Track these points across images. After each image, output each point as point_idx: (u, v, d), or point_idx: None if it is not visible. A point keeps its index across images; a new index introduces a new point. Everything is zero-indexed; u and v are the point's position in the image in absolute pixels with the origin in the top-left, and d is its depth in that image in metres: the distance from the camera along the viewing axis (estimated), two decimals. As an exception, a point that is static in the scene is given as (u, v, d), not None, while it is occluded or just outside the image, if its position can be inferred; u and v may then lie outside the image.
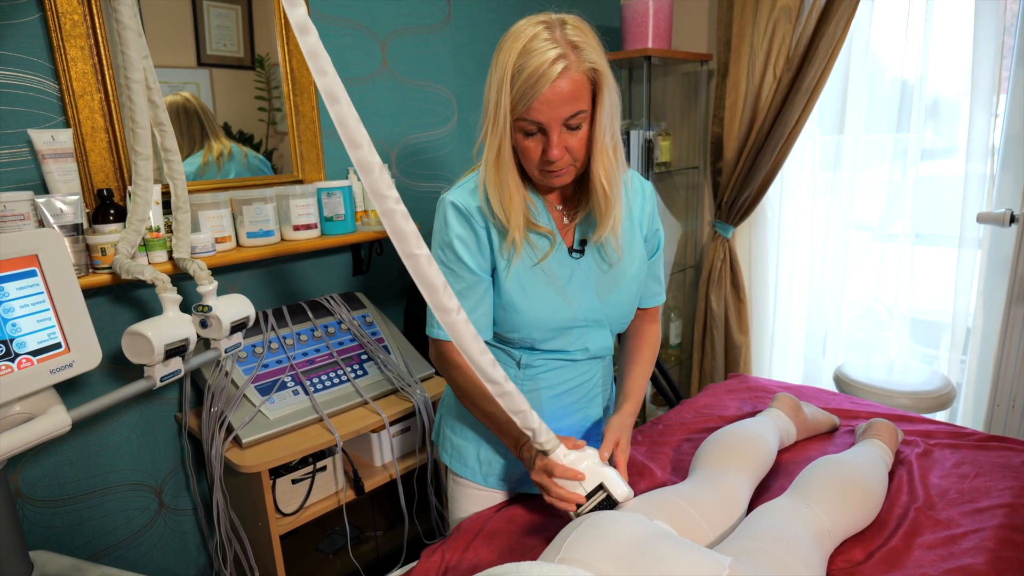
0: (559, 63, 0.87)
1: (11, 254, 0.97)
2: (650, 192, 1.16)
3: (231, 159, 1.64)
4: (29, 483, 1.43)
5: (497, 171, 0.97)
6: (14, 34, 1.30)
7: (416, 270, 0.74)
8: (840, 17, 1.95)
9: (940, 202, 2.09)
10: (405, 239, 0.72)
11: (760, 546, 0.94)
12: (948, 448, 1.38)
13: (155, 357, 1.14)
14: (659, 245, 1.19)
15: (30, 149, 1.34)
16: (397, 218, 0.71)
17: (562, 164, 0.95)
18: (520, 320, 1.07)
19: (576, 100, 0.90)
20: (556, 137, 0.92)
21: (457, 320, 0.79)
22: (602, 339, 1.13)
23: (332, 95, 0.64)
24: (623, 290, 1.11)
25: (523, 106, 0.90)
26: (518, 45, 0.89)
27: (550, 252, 1.05)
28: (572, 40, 0.89)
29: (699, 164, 2.52)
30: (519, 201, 0.99)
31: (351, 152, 0.66)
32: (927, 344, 2.23)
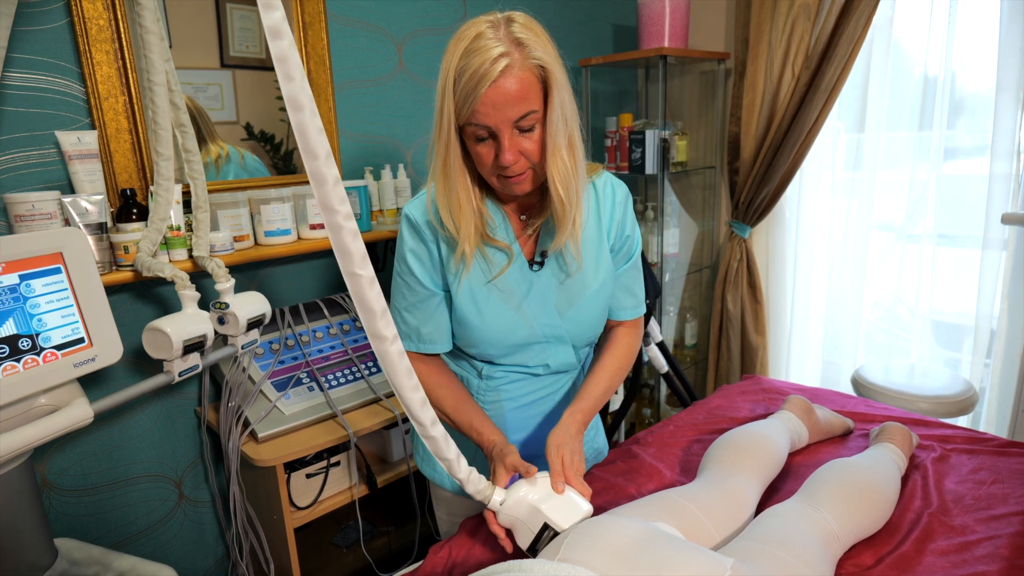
0: (501, 61, 0.82)
1: (37, 252, 1.01)
2: (623, 197, 1.08)
3: (229, 161, 1.66)
4: (56, 472, 1.48)
5: (445, 180, 0.93)
6: (43, 39, 1.35)
7: (356, 291, 0.69)
8: (861, 14, 1.92)
9: (964, 202, 2.04)
10: (349, 257, 0.68)
11: (765, 548, 0.94)
12: (965, 453, 1.36)
13: (174, 352, 1.18)
14: (632, 254, 1.11)
15: (57, 150, 1.39)
16: (344, 234, 0.66)
17: (518, 169, 0.90)
18: (474, 337, 1.04)
19: (524, 100, 0.85)
20: (507, 141, 0.87)
21: (391, 351, 0.73)
22: (564, 355, 1.09)
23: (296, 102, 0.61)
24: (585, 305, 1.05)
25: (467, 109, 0.85)
26: (461, 46, 0.84)
27: (506, 268, 1.01)
28: (517, 37, 0.84)
29: (716, 164, 2.50)
30: (469, 212, 0.95)
31: (307, 162, 0.63)
32: (949, 347, 2.19)
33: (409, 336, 1.06)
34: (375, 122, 1.90)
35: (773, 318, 2.47)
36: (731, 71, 2.35)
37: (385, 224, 1.81)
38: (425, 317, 1.04)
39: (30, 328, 0.99)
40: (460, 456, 0.85)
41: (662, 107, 2.21)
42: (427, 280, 1.03)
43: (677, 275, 2.62)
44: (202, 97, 1.60)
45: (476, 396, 1.12)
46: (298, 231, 1.66)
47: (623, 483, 1.27)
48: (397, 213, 1.86)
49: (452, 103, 0.86)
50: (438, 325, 1.05)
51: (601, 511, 1.15)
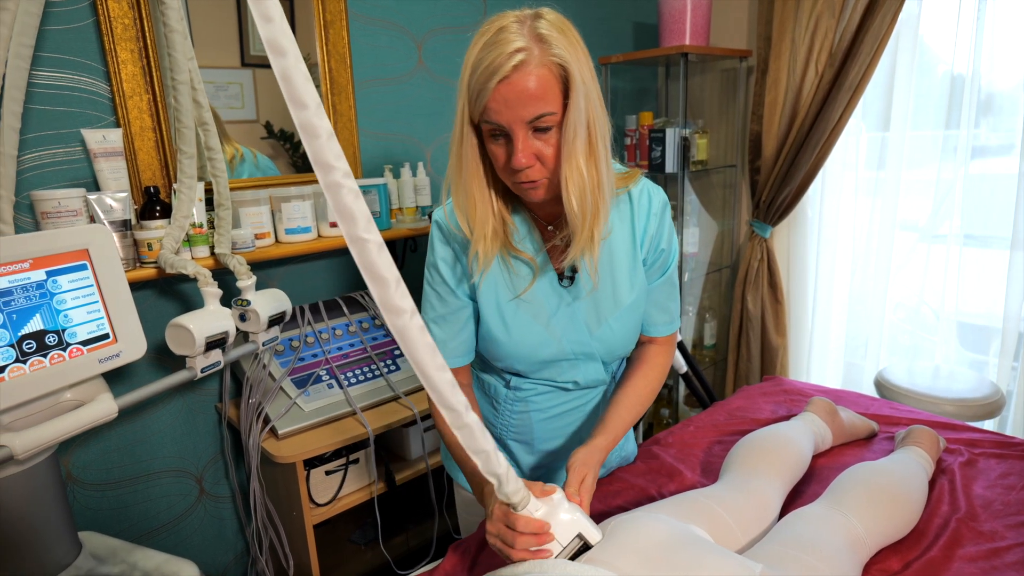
0: (517, 56, 0.77)
1: (63, 248, 1.02)
2: (659, 207, 1.00)
3: (243, 161, 1.67)
4: (80, 467, 1.50)
5: (459, 176, 0.89)
6: (69, 38, 1.36)
7: (363, 258, 0.58)
8: (887, 11, 1.89)
9: (992, 202, 2.00)
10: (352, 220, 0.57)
11: (792, 553, 0.92)
12: (994, 458, 1.33)
13: (196, 349, 1.18)
14: (667, 268, 1.04)
15: (83, 148, 1.41)
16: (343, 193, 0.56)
17: (532, 175, 0.84)
18: (501, 352, 1.00)
19: (541, 100, 0.79)
20: (520, 142, 0.82)
21: (410, 325, 0.61)
22: (594, 372, 1.05)
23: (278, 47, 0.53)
24: (617, 323, 1.00)
25: (479, 105, 0.81)
26: (483, 39, 0.80)
27: (532, 282, 0.96)
28: (540, 33, 0.79)
29: (737, 162, 2.48)
30: (484, 211, 0.90)
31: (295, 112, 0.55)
32: (976, 349, 2.15)
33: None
34: (395, 120, 1.90)
35: (794, 319, 2.44)
36: (753, 69, 2.32)
37: (404, 222, 1.81)
38: (455, 330, 1.00)
39: (56, 324, 1.01)
40: (498, 450, 0.73)
41: (683, 105, 2.19)
42: (460, 289, 0.99)
43: (697, 275, 2.60)
44: (222, 96, 1.61)
45: (503, 406, 1.10)
46: (318, 229, 1.67)
47: (644, 484, 1.26)
48: (416, 211, 1.86)
49: (466, 97, 0.83)
50: (466, 338, 1.02)
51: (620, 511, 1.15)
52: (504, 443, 1.16)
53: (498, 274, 0.98)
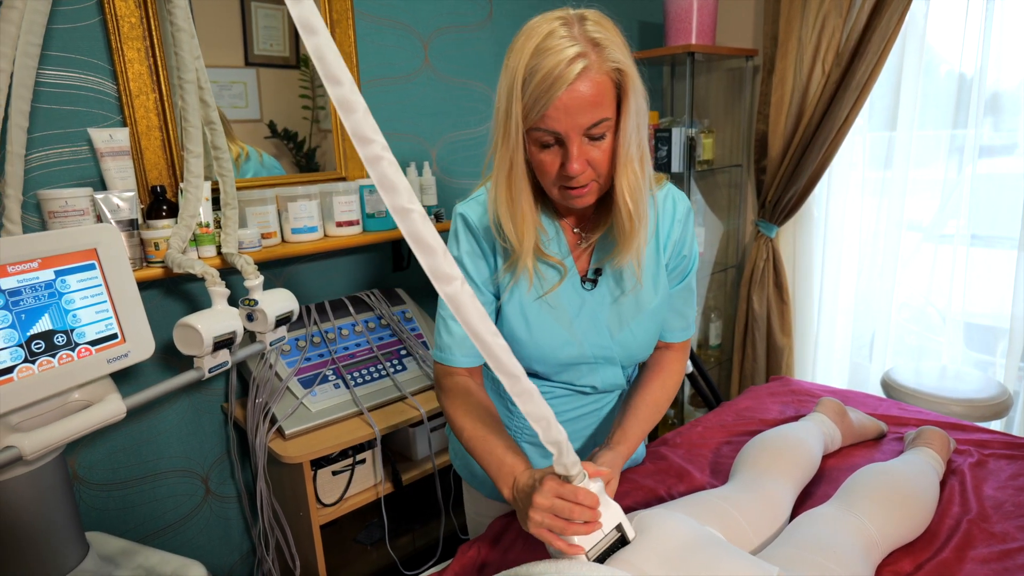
0: (578, 63, 0.76)
1: (72, 248, 1.02)
2: (683, 213, 1.00)
3: (248, 160, 1.66)
4: (86, 467, 1.50)
5: (509, 190, 0.86)
6: (76, 37, 1.36)
7: (410, 228, 0.59)
8: (894, 10, 1.88)
9: (999, 201, 1.99)
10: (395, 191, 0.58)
11: (807, 555, 0.92)
12: (1004, 459, 1.33)
13: (204, 349, 1.18)
14: (687, 274, 1.04)
15: (89, 147, 1.40)
16: (384, 165, 0.57)
17: (583, 180, 0.84)
18: (522, 353, 0.99)
19: (598, 106, 0.79)
20: (576, 149, 0.81)
21: (462, 292, 0.62)
22: (613, 376, 1.04)
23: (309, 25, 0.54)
24: (639, 326, 1.00)
25: (537, 113, 0.79)
26: (531, 44, 0.78)
27: (558, 284, 0.95)
28: (593, 37, 0.78)
29: (742, 162, 2.47)
30: (532, 224, 0.89)
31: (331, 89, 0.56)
32: (982, 350, 2.14)
33: (451, 348, 0.98)
34: (400, 120, 1.90)
35: (799, 319, 2.44)
36: (759, 68, 2.32)
37: (410, 222, 1.80)
38: None
39: (65, 324, 1.00)
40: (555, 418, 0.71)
41: (689, 105, 2.19)
42: (483, 284, 0.98)
43: (702, 274, 2.59)
44: (226, 95, 1.61)
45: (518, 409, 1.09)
46: (325, 228, 1.66)
47: (653, 484, 1.26)
48: (422, 211, 1.85)
49: (520, 106, 0.80)
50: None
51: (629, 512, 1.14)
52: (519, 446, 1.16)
53: (524, 275, 0.97)
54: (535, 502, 0.76)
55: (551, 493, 0.76)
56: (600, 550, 0.80)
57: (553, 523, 0.76)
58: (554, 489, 0.76)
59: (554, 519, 0.76)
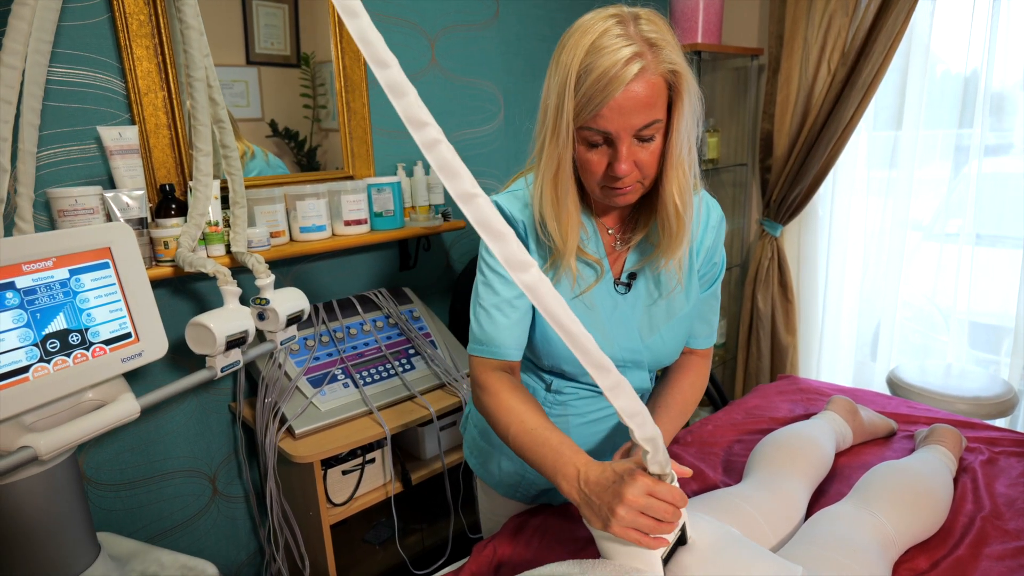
0: (635, 63, 0.75)
1: (87, 247, 1.01)
2: (716, 220, 1.00)
3: (254, 158, 1.65)
4: (93, 467, 1.49)
5: (555, 188, 0.86)
6: (84, 34, 1.35)
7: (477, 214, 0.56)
8: (900, 10, 1.88)
9: (1004, 201, 2.00)
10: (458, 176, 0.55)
11: (827, 554, 0.92)
12: (1014, 456, 1.33)
13: (217, 348, 1.17)
14: (715, 281, 1.04)
15: (98, 145, 1.39)
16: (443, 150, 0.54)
17: (629, 181, 0.83)
18: (552, 351, 0.98)
19: (651, 107, 0.78)
20: (625, 149, 0.80)
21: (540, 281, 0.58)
22: (639, 380, 1.03)
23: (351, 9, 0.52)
24: (669, 331, 0.99)
25: (589, 113, 0.78)
26: (585, 41, 0.77)
27: (595, 284, 0.94)
28: (648, 37, 0.77)
29: (747, 161, 2.48)
30: (576, 223, 0.88)
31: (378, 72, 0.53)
32: (987, 349, 2.15)
33: (492, 341, 0.94)
34: (407, 118, 1.89)
35: (804, 318, 2.44)
36: (764, 67, 2.32)
37: (418, 221, 1.80)
38: (517, 317, 0.94)
39: (79, 323, 0.99)
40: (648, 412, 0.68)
41: (694, 103, 2.18)
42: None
43: (705, 273, 2.59)
44: (227, 94, 1.59)
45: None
46: (332, 227, 1.66)
47: (666, 483, 1.26)
48: (429, 210, 1.85)
49: (572, 104, 0.78)
50: (524, 329, 0.96)
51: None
52: None
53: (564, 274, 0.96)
54: (627, 498, 0.71)
55: (645, 490, 0.71)
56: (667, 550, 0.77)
57: (643, 524, 0.71)
58: (648, 486, 0.71)
59: (644, 518, 0.71)
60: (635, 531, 0.72)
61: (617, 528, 0.72)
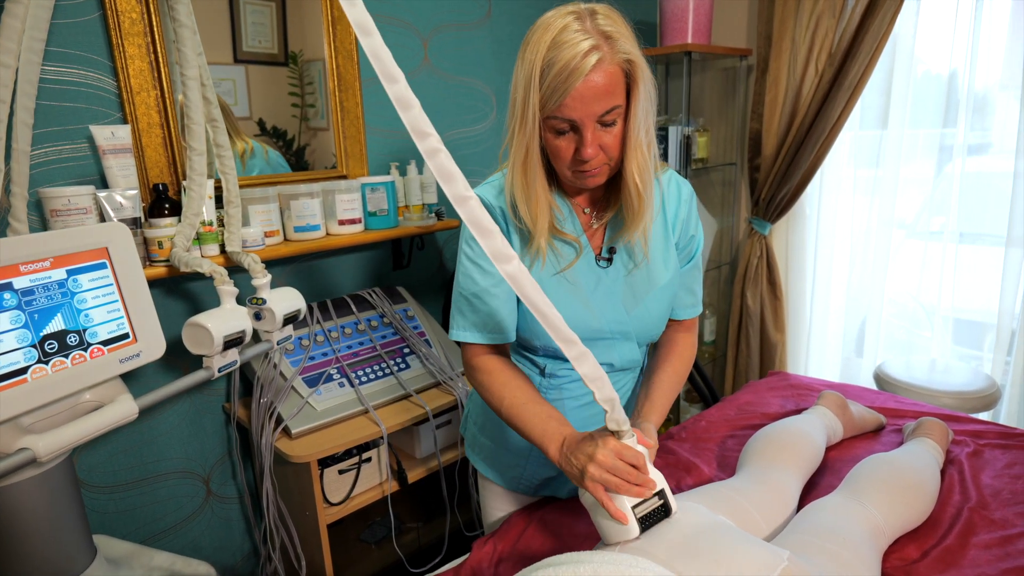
0: (593, 55, 0.81)
1: (84, 247, 1.00)
2: (687, 194, 1.06)
3: (254, 156, 1.65)
4: (86, 469, 1.47)
5: (524, 174, 0.92)
6: (75, 32, 1.34)
7: (469, 215, 0.69)
8: (886, 12, 1.92)
9: (987, 199, 2.05)
10: (454, 180, 0.67)
11: (816, 541, 0.94)
12: (999, 448, 1.37)
13: (215, 348, 1.17)
14: (695, 253, 1.09)
15: (89, 144, 1.38)
16: (442, 158, 0.66)
17: (596, 163, 0.90)
18: (541, 329, 0.98)
19: (611, 95, 0.84)
20: (590, 135, 0.87)
21: (519, 271, 0.72)
22: (629, 352, 1.07)
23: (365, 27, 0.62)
24: (652, 301, 1.04)
25: (554, 103, 0.85)
26: (547, 37, 0.83)
27: (575, 261, 1.00)
28: (605, 30, 0.83)
29: (736, 160, 2.50)
30: (545, 205, 0.95)
31: (388, 86, 0.63)
32: (970, 345, 2.19)
33: (477, 327, 1.02)
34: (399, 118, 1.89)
35: (792, 315, 2.47)
36: (753, 67, 2.35)
37: (411, 220, 1.80)
38: (499, 303, 1.00)
39: (77, 323, 0.99)
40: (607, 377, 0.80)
41: (686, 104, 2.21)
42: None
43: (695, 272, 2.62)
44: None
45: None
46: (327, 227, 1.66)
47: (662, 479, 1.28)
48: (423, 209, 1.85)
49: (537, 96, 0.85)
50: (510, 312, 1.02)
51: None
52: None
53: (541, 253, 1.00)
54: (597, 458, 0.83)
55: (614, 452, 0.83)
56: (644, 512, 0.84)
57: (609, 480, 0.82)
58: (617, 449, 0.83)
59: (610, 476, 0.82)
60: (601, 488, 0.83)
61: (588, 483, 0.84)
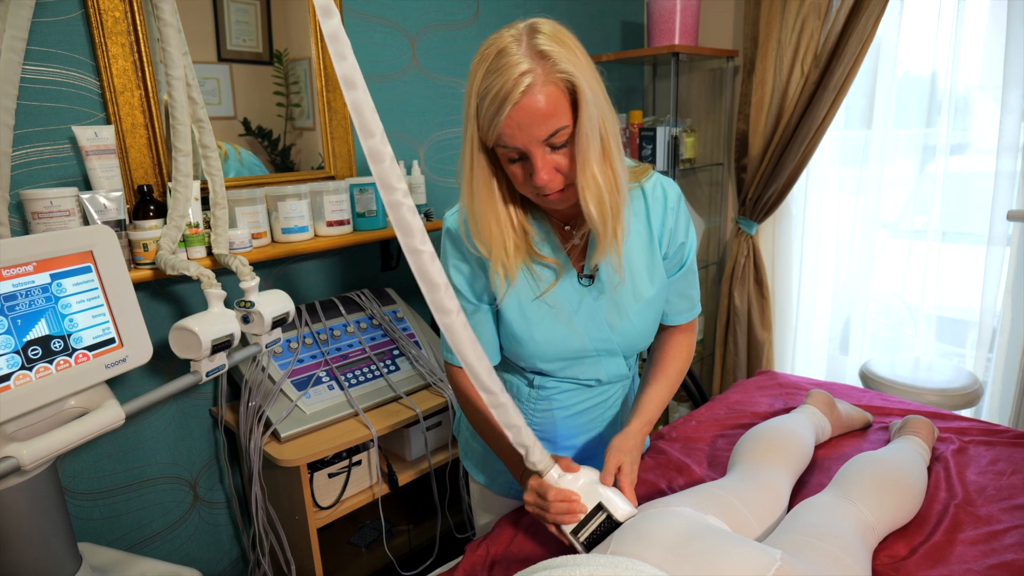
0: (524, 78, 0.77)
1: (69, 250, 0.98)
2: (674, 200, 1.01)
3: (227, 159, 1.62)
4: (70, 476, 1.45)
5: (472, 203, 0.89)
6: (56, 31, 1.31)
7: (418, 267, 0.71)
8: (870, 13, 1.94)
9: (969, 199, 2.08)
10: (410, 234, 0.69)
11: (808, 540, 0.95)
12: (983, 445, 1.38)
13: (203, 352, 1.15)
14: (686, 260, 1.06)
15: (72, 145, 1.36)
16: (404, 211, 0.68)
17: (554, 187, 0.85)
18: (525, 351, 1.02)
19: (552, 116, 0.79)
20: (539, 161, 0.82)
21: (455, 322, 0.75)
22: (616, 367, 1.07)
23: (350, 80, 0.63)
24: (637, 317, 1.02)
25: (493, 133, 0.80)
26: (483, 67, 0.80)
27: (555, 284, 0.98)
28: (541, 49, 0.78)
29: (723, 160, 2.52)
30: (500, 233, 0.91)
31: (364, 140, 0.65)
32: (953, 342, 2.23)
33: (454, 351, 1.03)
34: (389, 118, 1.88)
35: (779, 314, 2.50)
36: (739, 68, 2.36)
37: (400, 221, 1.79)
38: (479, 329, 1.02)
39: (62, 329, 0.97)
40: (527, 425, 0.85)
41: (674, 104, 2.22)
42: (471, 294, 1.01)
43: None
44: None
45: (526, 404, 1.11)
46: (315, 228, 1.64)
47: (654, 479, 1.28)
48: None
49: (475, 126, 0.83)
50: (487, 340, 1.03)
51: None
52: None
53: (520, 278, 0.98)
54: (526, 500, 0.94)
55: (533, 491, 0.92)
56: (588, 531, 0.90)
57: (538, 515, 0.93)
58: (534, 487, 0.92)
59: (538, 511, 0.92)
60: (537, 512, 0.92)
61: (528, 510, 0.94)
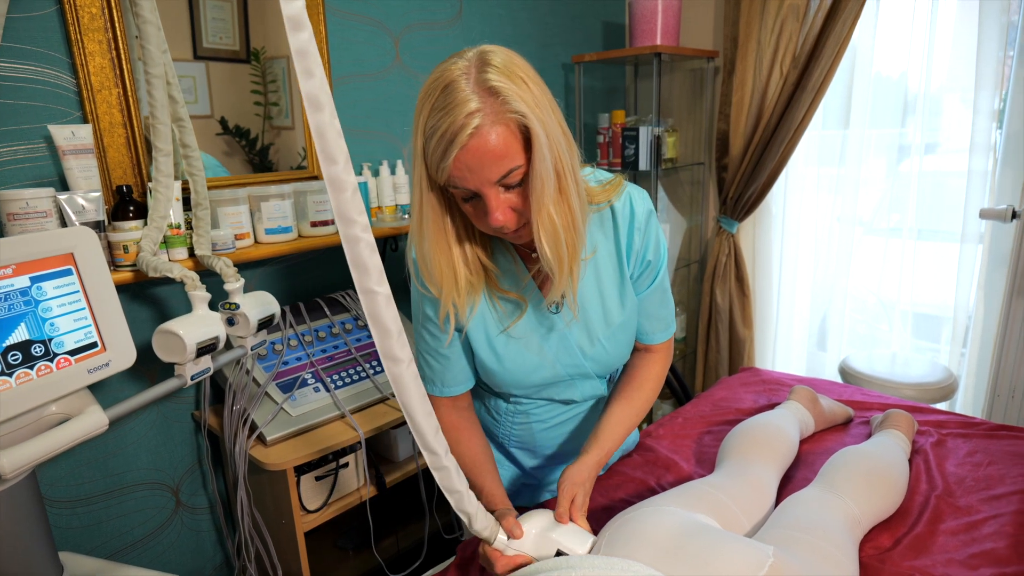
0: (473, 119, 0.72)
1: (49, 252, 0.96)
2: (643, 218, 0.96)
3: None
4: (48, 484, 1.41)
5: (421, 244, 0.86)
6: (31, 27, 1.28)
7: (371, 310, 0.65)
8: (847, 16, 1.98)
9: (942, 197, 2.13)
10: (366, 272, 0.63)
11: (797, 535, 0.96)
12: (960, 438, 1.42)
13: (187, 355, 1.13)
14: (656, 277, 1.01)
15: (47, 145, 1.32)
16: (361, 248, 0.62)
17: (511, 226, 0.82)
18: (497, 380, 1.02)
19: (503, 157, 0.75)
20: (493, 202, 0.78)
21: (405, 374, 0.68)
22: (591, 388, 1.07)
23: (316, 102, 0.57)
24: (610, 341, 1.01)
25: (443, 174, 0.76)
26: (429, 103, 0.75)
27: (520, 318, 0.96)
28: (491, 86, 0.73)
29: (704, 160, 2.55)
30: (452, 274, 0.88)
31: (325, 167, 0.58)
32: (928, 338, 2.28)
33: (433, 381, 1.03)
34: (373, 118, 1.87)
35: (760, 311, 2.53)
36: (720, 69, 2.39)
37: (385, 221, 1.78)
38: (450, 361, 1.01)
39: (42, 333, 0.94)
40: (470, 491, 0.82)
41: (656, 104, 2.23)
42: (447, 325, 0.97)
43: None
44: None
45: (504, 418, 1.12)
46: (299, 228, 1.62)
47: (642, 476, 1.29)
48: (396, 210, 1.83)
49: (423, 166, 0.79)
50: (463, 366, 1.03)
51: (626, 505, 1.17)
52: (507, 449, 1.18)
53: (486, 311, 0.97)
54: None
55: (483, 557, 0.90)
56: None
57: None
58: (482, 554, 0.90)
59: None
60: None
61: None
